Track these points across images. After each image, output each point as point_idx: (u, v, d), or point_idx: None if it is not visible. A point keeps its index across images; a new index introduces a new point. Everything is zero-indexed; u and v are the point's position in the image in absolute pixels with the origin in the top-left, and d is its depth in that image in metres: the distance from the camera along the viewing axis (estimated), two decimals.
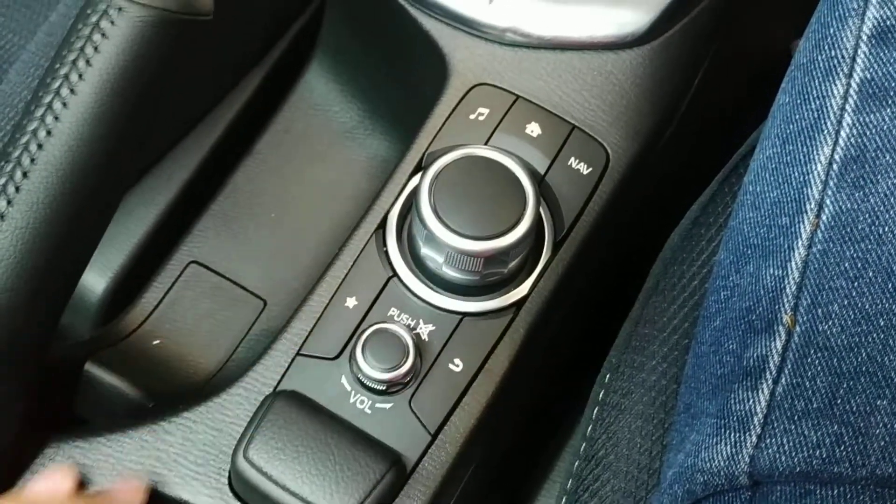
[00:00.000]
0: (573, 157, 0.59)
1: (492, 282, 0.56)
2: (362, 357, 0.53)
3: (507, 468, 0.68)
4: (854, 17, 0.49)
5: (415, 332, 0.55)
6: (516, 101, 0.60)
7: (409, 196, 0.58)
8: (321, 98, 0.72)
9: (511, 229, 0.53)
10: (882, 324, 0.45)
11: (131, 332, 0.65)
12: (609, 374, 0.60)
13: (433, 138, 0.60)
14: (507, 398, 0.56)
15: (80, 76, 0.47)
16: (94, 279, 0.65)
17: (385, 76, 0.70)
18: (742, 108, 0.70)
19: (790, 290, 0.46)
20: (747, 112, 0.64)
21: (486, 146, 0.57)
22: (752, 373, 0.47)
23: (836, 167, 0.47)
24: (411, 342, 0.53)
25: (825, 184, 0.47)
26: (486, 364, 0.55)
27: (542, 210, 0.57)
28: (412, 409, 0.54)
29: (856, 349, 0.45)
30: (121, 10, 0.47)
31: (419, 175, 0.57)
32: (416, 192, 0.55)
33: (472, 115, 0.60)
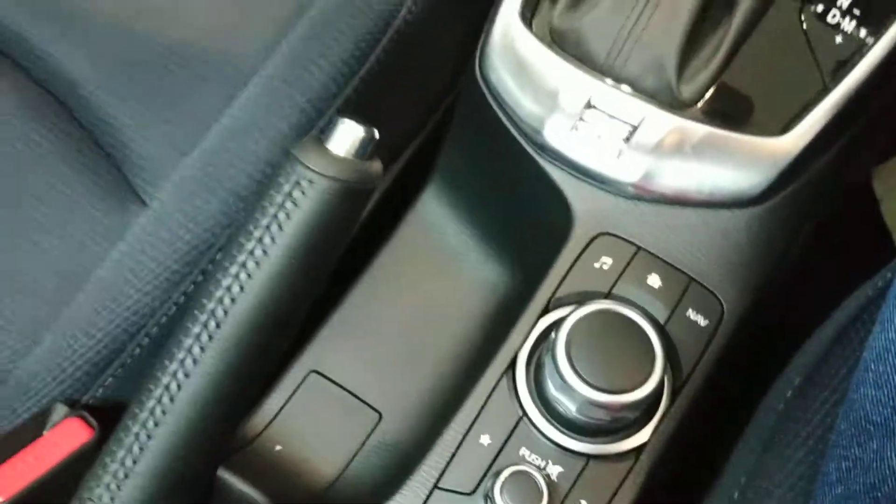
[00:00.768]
0: (691, 309, 0.63)
1: (616, 427, 0.60)
2: (500, 497, 0.57)
3: None
4: None
5: (544, 472, 0.59)
6: (637, 252, 0.64)
7: (536, 339, 0.62)
8: (436, 220, 0.75)
9: (642, 383, 0.57)
10: None
11: (255, 438, 0.69)
12: None
13: (559, 284, 0.63)
14: None
15: (273, 239, 0.52)
16: None
17: (501, 207, 0.73)
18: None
19: None
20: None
21: (618, 301, 0.60)
22: None
23: None
24: (545, 485, 0.57)
25: None
26: None
27: None
28: None
29: None
30: (311, 182, 0.52)
31: (547, 320, 0.61)
32: (551, 342, 0.58)
33: (597, 264, 0.63)
